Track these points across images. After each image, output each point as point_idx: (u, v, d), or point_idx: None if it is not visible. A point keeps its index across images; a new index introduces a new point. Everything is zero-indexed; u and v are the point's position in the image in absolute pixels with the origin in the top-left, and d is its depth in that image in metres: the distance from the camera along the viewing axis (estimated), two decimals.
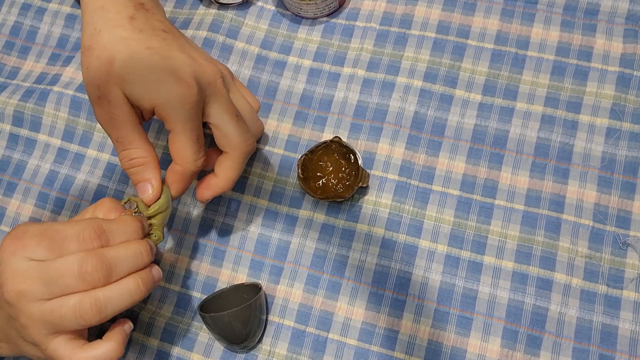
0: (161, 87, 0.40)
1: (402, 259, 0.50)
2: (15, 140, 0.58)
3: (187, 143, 0.42)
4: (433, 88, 0.54)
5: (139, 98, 0.40)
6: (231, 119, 0.44)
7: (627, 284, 0.47)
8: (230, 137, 0.44)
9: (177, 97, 0.40)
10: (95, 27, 0.41)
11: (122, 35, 0.41)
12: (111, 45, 0.40)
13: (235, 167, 0.45)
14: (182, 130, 0.42)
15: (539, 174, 0.51)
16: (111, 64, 0.40)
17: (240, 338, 0.47)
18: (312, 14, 0.57)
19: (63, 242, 0.39)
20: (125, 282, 0.40)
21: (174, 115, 0.41)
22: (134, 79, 0.40)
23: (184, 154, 0.42)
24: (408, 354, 0.48)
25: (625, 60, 0.53)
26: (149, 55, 0.40)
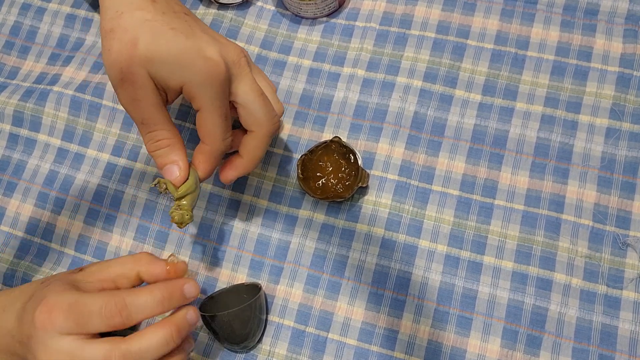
0: (189, 65, 0.40)
1: (402, 259, 0.50)
2: (15, 140, 0.58)
3: (216, 121, 0.42)
4: (433, 88, 0.54)
5: (166, 77, 0.40)
6: (257, 97, 0.43)
7: (627, 284, 0.47)
8: (257, 115, 0.43)
9: (206, 74, 0.40)
10: (117, 10, 0.41)
11: (144, 17, 0.40)
12: (134, 27, 0.40)
13: (260, 147, 0.45)
14: (211, 108, 0.41)
15: (538, 174, 0.51)
16: (135, 46, 0.40)
17: (240, 338, 0.47)
18: (312, 14, 0.57)
19: (89, 319, 0.39)
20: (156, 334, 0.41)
21: (202, 93, 0.40)
22: (160, 59, 0.40)
23: (213, 133, 0.42)
24: (408, 354, 0.48)
25: (625, 60, 0.53)
26: (173, 35, 0.40)
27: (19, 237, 0.55)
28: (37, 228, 0.55)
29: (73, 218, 0.55)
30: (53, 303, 0.39)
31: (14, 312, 0.42)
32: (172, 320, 0.41)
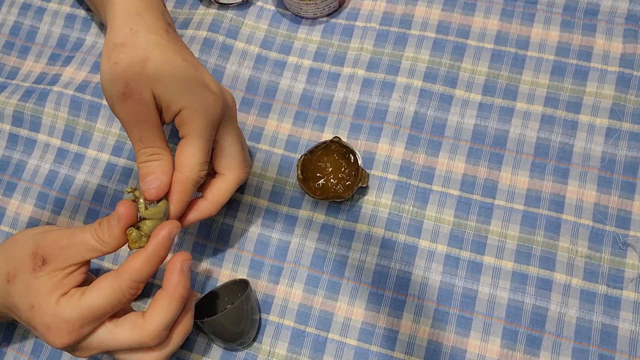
0: (193, 91, 0.42)
1: (402, 259, 0.50)
2: (15, 140, 0.58)
3: (199, 150, 0.42)
4: (433, 88, 0.54)
5: (169, 99, 0.41)
6: (239, 143, 0.45)
7: (627, 284, 0.47)
8: (233, 159, 0.45)
9: (206, 104, 0.42)
10: (132, 28, 0.43)
11: (158, 41, 0.42)
12: (146, 47, 0.42)
13: (228, 191, 0.45)
14: (199, 135, 0.42)
15: (538, 174, 0.51)
16: (144, 64, 0.41)
17: (235, 336, 0.47)
18: (312, 14, 0.57)
19: (112, 309, 0.40)
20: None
21: (197, 119, 0.41)
22: (168, 81, 0.41)
23: (191, 161, 0.42)
24: (408, 354, 0.48)
25: (625, 60, 0.53)
26: (185, 65, 0.42)
27: None
28: None
29: (73, 218, 0.55)
30: (65, 326, 0.39)
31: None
32: (158, 245, 0.40)
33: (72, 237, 0.40)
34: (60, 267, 0.40)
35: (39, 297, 0.39)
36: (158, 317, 0.40)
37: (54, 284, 0.39)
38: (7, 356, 0.52)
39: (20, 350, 0.52)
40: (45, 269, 0.40)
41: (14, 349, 0.52)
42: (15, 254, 0.41)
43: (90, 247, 0.40)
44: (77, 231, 0.41)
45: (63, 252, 0.40)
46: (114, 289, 0.39)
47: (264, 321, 0.50)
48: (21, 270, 0.40)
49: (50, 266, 0.40)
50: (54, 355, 0.51)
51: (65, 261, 0.40)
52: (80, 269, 0.41)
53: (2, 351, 0.52)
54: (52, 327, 0.39)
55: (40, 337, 0.41)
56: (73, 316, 0.38)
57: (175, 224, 0.41)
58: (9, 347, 0.52)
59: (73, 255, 0.40)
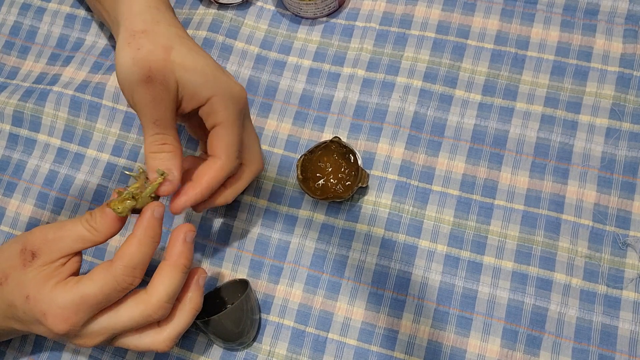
0: (221, 81, 0.42)
1: (402, 259, 0.50)
2: (15, 140, 0.58)
3: (235, 138, 0.42)
4: (433, 88, 0.54)
5: (198, 86, 0.41)
6: (256, 136, 0.47)
7: (627, 284, 0.47)
8: (251, 152, 0.46)
9: (234, 93, 0.42)
10: (154, 18, 0.42)
11: (179, 33, 0.43)
12: (169, 37, 0.42)
13: (245, 181, 0.47)
14: (233, 123, 0.42)
15: (538, 174, 0.51)
16: (168, 52, 0.41)
17: (235, 336, 0.47)
18: (311, 13, 0.57)
19: (108, 299, 0.39)
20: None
21: (227, 108, 0.42)
22: (193, 69, 0.41)
23: (229, 149, 0.42)
24: (408, 354, 0.48)
25: (625, 60, 0.53)
26: (207, 56, 0.43)
27: None
28: None
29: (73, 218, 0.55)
30: (61, 313, 0.38)
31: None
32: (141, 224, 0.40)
33: (60, 229, 0.40)
34: (51, 260, 0.40)
35: (33, 287, 0.39)
36: (161, 287, 0.40)
37: (47, 275, 0.39)
38: (6, 356, 0.52)
39: (21, 350, 0.52)
40: (36, 263, 0.40)
41: (14, 349, 0.52)
42: (4, 256, 0.41)
43: (80, 236, 0.40)
44: (66, 223, 0.41)
45: (52, 244, 0.40)
46: (108, 276, 0.38)
47: (264, 321, 0.50)
48: (12, 270, 0.40)
49: (40, 260, 0.40)
50: (55, 356, 0.51)
51: (54, 253, 0.40)
52: (71, 259, 0.41)
53: (2, 351, 0.52)
54: (47, 314, 0.38)
55: (38, 330, 0.40)
56: (67, 302, 0.38)
57: (158, 204, 0.40)
58: (8, 347, 0.52)
59: (62, 247, 0.40)
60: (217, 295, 0.50)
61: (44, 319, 0.39)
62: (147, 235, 0.39)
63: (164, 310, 0.40)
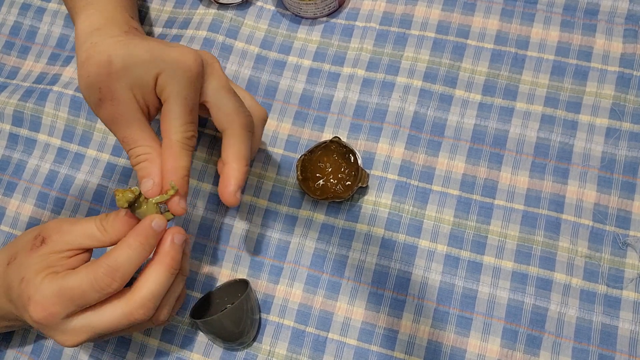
0: (161, 56, 0.41)
1: (402, 259, 0.50)
2: (15, 140, 0.58)
3: (179, 109, 0.41)
4: (433, 88, 0.54)
5: (142, 75, 0.41)
6: (226, 92, 0.43)
7: (627, 284, 0.47)
8: (226, 110, 0.43)
9: (178, 64, 0.41)
10: (92, 42, 0.43)
11: (118, 40, 0.43)
12: (107, 49, 0.42)
13: (240, 141, 0.43)
14: (176, 95, 0.41)
15: (538, 174, 0.51)
16: (110, 63, 0.41)
17: (235, 336, 0.47)
18: (311, 13, 0.57)
19: (85, 297, 0.39)
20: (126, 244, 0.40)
21: (172, 81, 0.41)
22: (134, 62, 0.41)
23: (174, 122, 0.41)
24: (408, 353, 0.48)
25: (625, 60, 0.53)
26: (146, 43, 0.42)
27: None
28: None
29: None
30: (42, 301, 0.38)
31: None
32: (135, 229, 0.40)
33: (74, 224, 0.41)
34: (57, 250, 0.40)
35: (30, 271, 0.40)
36: (145, 285, 0.39)
37: (48, 263, 0.40)
38: (7, 356, 0.52)
39: (20, 350, 0.52)
40: (43, 249, 0.40)
41: (13, 349, 0.52)
42: (20, 240, 0.43)
43: (90, 234, 0.40)
44: (82, 219, 0.42)
45: (62, 235, 0.40)
46: (89, 273, 0.38)
47: (264, 321, 0.50)
48: (21, 251, 0.41)
49: (47, 247, 0.40)
50: (54, 355, 0.51)
51: (62, 244, 0.40)
52: (77, 256, 0.41)
53: (2, 351, 0.52)
54: (31, 300, 0.39)
55: (26, 317, 0.40)
56: (49, 292, 0.38)
57: (160, 217, 0.40)
58: (9, 347, 0.52)
59: (70, 240, 0.40)
60: (217, 295, 0.50)
61: (28, 303, 0.39)
62: (137, 241, 0.39)
63: (147, 310, 0.40)
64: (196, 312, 0.49)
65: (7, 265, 0.42)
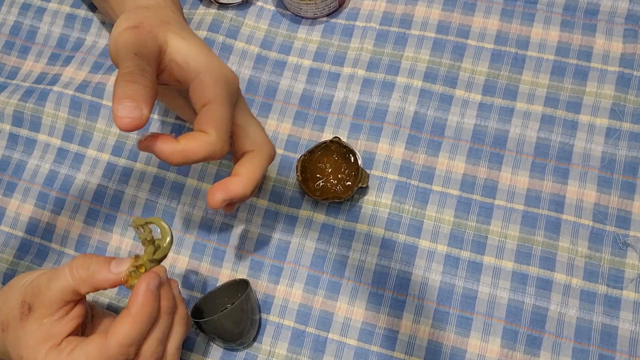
0: (213, 59, 0.40)
1: (402, 259, 0.50)
2: (15, 140, 0.58)
3: (227, 116, 0.38)
4: (433, 88, 0.54)
5: (188, 57, 0.39)
6: (255, 119, 0.43)
7: (627, 284, 0.47)
8: (256, 136, 0.42)
9: (226, 75, 0.40)
10: (158, 4, 0.43)
11: (179, 19, 0.42)
12: (168, 16, 0.41)
13: (260, 166, 0.42)
14: (223, 102, 0.38)
15: (538, 174, 0.51)
16: (164, 23, 0.40)
17: (235, 336, 0.47)
18: (311, 13, 0.57)
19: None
20: None
21: (220, 86, 0.39)
22: (188, 42, 0.39)
23: (222, 121, 0.38)
24: (408, 354, 0.48)
25: (625, 60, 0.53)
26: (201, 41, 0.41)
27: (19, 237, 0.55)
28: (37, 228, 0.55)
29: (73, 218, 0.55)
30: None
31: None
32: (136, 300, 0.38)
33: (50, 279, 0.38)
34: (47, 314, 0.38)
35: (28, 348, 0.38)
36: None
37: (43, 335, 0.38)
38: None
39: None
40: (32, 317, 0.38)
41: None
42: (9, 301, 0.40)
43: (65, 286, 0.38)
44: (57, 272, 0.39)
45: (43, 297, 0.38)
46: (102, 354, 0.37)
47: (264, 321, 0.50)
48: (12, 320, 0.39)
49: (36, 313, 0.38)
50: None
51: (47, 308, 0.38)
52: (70, 313, 0.39)
53: None
54: None
55: None
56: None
57: (152, 276, 0.38)
58: None
59: (51, 298, 0.38)
60: (217, 295, 0.50)
61: None
62: (143, 313, 0.37)
63: (156, 356, 0.39)
64: (196, 312, 0.49)
65: (1, 331, 0.40)
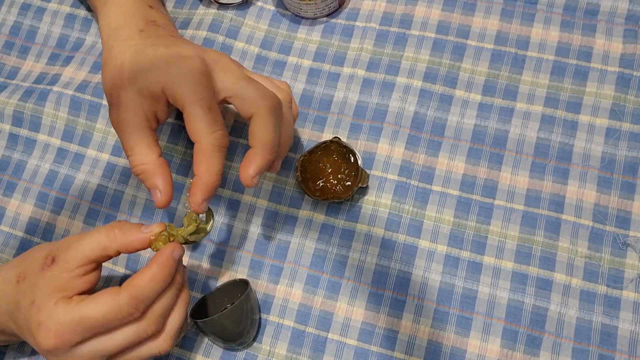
0: (166, 66, 0.41)
1: (402, 259, 0.50)
2: (15, 140, 0.58)
3: (198, 113, 0.40)
4: (433, 88, 0.54)
5: (149, 85, 0.41)
6: (246, 82, 0.43)
7: (627, 284, 0.47)
8: (246, 97, 0.42)
9: (183, 70, 0.41)
10: (110, 46, 0.46)
11: (129, 44, 0.44)
12: (121, 55, 0.44)
13: (266, 126, 0.42)
14: (191, 101, 0.40)
15: (538, 174, 0.51)
16: (121, 69, 0.43)
17: (235, 336, 0.47)
18: (311, 14, 0.57)
19: (107, 324, 0.38)
20: None
21: (182, 89, 0.40)
22: (141, 70, 0.42)
23: (198, 127, 0.40)
24: (408, 354, 0.48)
25: (625, 60, 0.53)
26: (153, 49, 0.43)
27: (19, 237, 0.55)
28: (37, 228, 0.55)
29: (73, 218, 0.55)
30: (56, 328, 0.38)
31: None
32: (157, 260, 0.40)
33: (82, 238, 0.41)
34: (68, 269, 0.40)
35: (41, 294, 0.39)
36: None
37: (58, 285, 0.39)
38: (6, 356, 0.52)
39: (20, 350, 0.52)
40: (53, 269, 0.40)
41: (13, 349, 0.52)
42: (30, 257, 0.42)
43: (98, 242, 0.40)
44: (91, 231, 0.41)
45: (71, 251, 0.40)
46: (112, 302, 0.38)
47: (264, 321, 0.50)
48: (31, 271, 0.41)
49: (58, 265, 0.40)
50: None
51: (72, 261, 0.40)
52: (88, 274, 0.40)
53: (2, 352, 0.52)
54: (42, 326, 0.38)
55: (28, 339, 0.40)
56: (65, 320, 0.38)
57: (178, 246, 0.41)
58: (8, 348, 0.52)
59: (79, 254, 0.40)
60: (217, 295, 0.50)
61: (37, 329, 0.38)
62: (161, 273, 0.39)
63: (158, 325, 0.40)
64: (196, 312, 0.49)
65: (16, 282, 0.41)
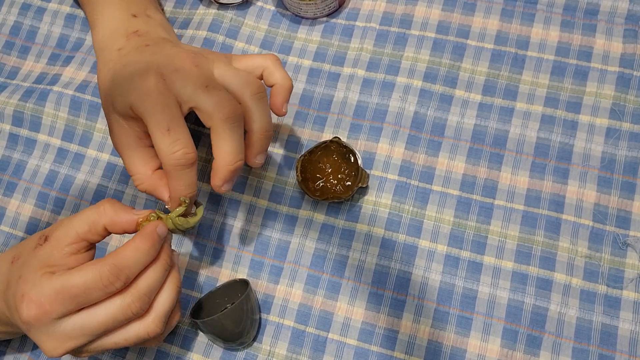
0: (129, 89, 0.42)
1: (402, 259, 0.50)
2: (15, 140, 0.58)
3: (156, 136, 0.40)
4: (433, 88, 0.54)
5: (123, 108, 0.42)
6: (202, 92, 0.42)
7: (627, 284, 0.47)
8: (203, 109, 0.42)
9: (140, 92, 0.41)
10: (99, 68, 0.49)
11: (109, 67, 0.47)
12: (103, 77, 0.47)
13: (221, 138, 0.42)
14: (149, 123, 0.41)
15: (538, 174, 0.51)
16: (105, 93, 0.46)
17: (234, 336, 0.47)
18: (311, 14, 0.57)
19: (87, 294, 0.38)
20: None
21: (141, 110, 0.41)
22: (114, 94, 0.44)
23: (158, 149, 0.41)
24: (408, 354, 0.48)
25: (625, 60, 0.53)
26: (122, 69, 0.45)
27: (19, 237, 0.55)
28: (37, 228, 0.55)
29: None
30: (37, 298, 0.37)
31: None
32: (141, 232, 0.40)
33: (74, 215, 0.41)
34: (58, 246, 0.40)
35: (29, 269, 0.39)
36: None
37: (47, 261, 0.39)
38: (6, 356, 0.52)
39: (20, 350, 0.52)
40: (45, 247, 0.40)
41: (13, 349, 0.52)
42: (27, 241, 0.42)
43: (87, 217, 0.40)
44: (83, 209, 0.42)
45: (62, 228, 0.40)
46: (94, 270, 0.38)
47: (264, 321, 0.50)
48: (25, 252, 0.41)
49: (49, 244, 0.40)
50: None
51: (63, 238, 0.40)
52: (80, 254, 0.40)
53: (2, 351, 0.52)
54: (25, 297, 0.38)
55: (16, 318, 0.39)
56: (48, 289, 0.37)
57: (162, 224, 0.41)
58: (8, 347, 0.52)
59: (70, 230, 0.40)
60: (217, 295, 0.50)
61: (21, 300, 0.38)
62: (144, 244, 0.39)
63: (143, 303, 0.39)
64: (196, 312, 0.49)
65: (11, 263, 0.41)
